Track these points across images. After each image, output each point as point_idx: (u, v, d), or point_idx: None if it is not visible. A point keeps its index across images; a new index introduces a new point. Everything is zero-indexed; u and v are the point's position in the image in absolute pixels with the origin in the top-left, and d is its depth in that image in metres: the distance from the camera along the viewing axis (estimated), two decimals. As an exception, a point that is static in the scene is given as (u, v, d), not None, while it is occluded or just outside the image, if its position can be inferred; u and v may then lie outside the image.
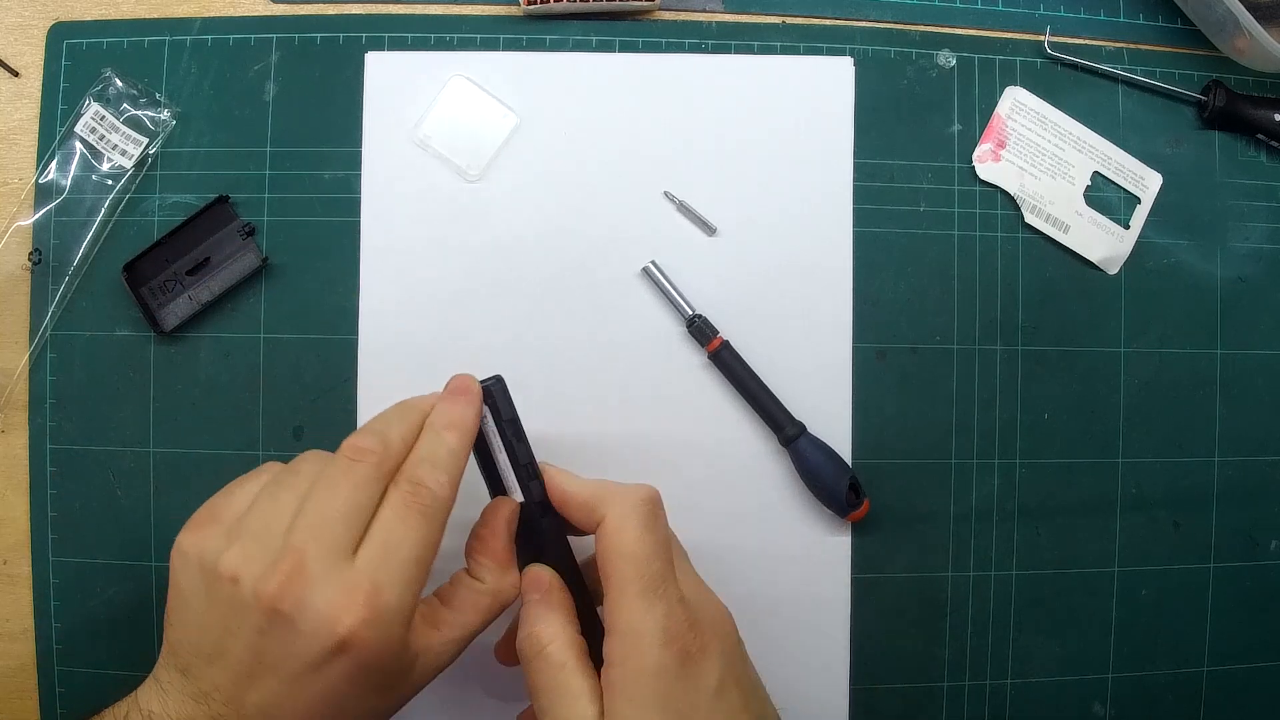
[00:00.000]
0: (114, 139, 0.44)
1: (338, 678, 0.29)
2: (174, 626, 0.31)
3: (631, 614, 0.31)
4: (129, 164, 0.44)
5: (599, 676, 0.32)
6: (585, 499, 0.34)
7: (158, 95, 0.44)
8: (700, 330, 0.44)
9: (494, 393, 0.35)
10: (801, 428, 0.44)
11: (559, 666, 0.32)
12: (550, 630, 0.32)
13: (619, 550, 0.32)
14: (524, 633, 0.33)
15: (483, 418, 0.35)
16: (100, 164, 0.44)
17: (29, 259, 0.44)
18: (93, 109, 0.44)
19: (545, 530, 0.35)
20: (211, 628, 0.30)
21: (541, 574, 0.34)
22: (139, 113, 0.44)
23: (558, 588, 0.34)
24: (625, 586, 0.32)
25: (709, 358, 0.44)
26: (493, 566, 0.34)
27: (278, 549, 0.30)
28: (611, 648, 0.31)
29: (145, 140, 0.44)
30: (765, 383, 0.44)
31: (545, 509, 0.35)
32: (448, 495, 0.32)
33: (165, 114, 0.44)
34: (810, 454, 0.43)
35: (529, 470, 0.35)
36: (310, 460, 0.33)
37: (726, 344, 0.44)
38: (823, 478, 0.43)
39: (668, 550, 0.33)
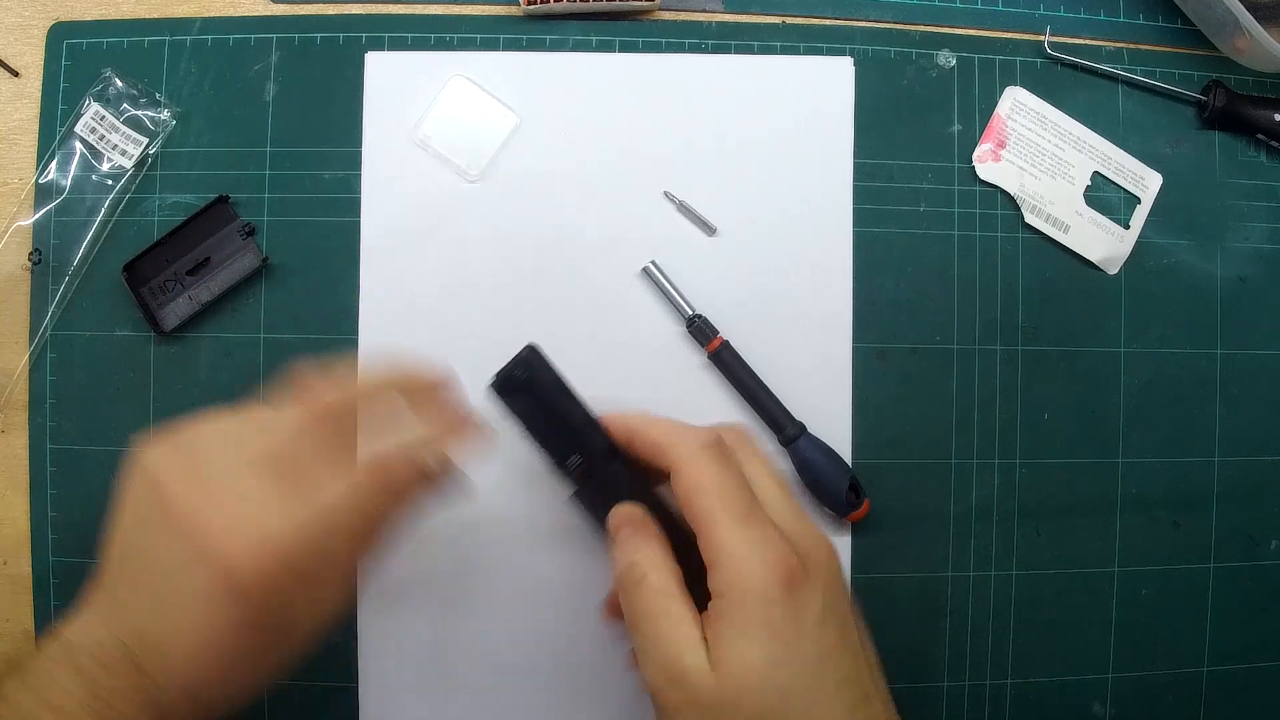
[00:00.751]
0: (114, 139, 0.44)
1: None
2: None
3: (728, 542, 0.31)
4: (129, 164, 0.44)
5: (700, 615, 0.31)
6: (655, 438, 0.34)
7: (158, 95, 0.44)
8: (700, 330, 0.44)
9: (534, 361, 0.36)
10: (801, 428, 0.44)
11: (661, 592, 0.32)
12: (650, 558, 0.32)
13: (697, 487, 0.32)
14: (623, 565, 0.33)
15: (531, 386, 0.36)
16: (100, 164, 0.44)
17: (29, 259, 0.44)
18: (93, 109, 0.44)
19: (617, 475, 0.35)
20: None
21: (631, 510, 0.34)
22: (139, 113, 0.44)
23: (648, 520, 0.34)
24: (714, 519, 0.32)
25: (709, 358, 0.44)
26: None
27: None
28: (716, 580, 0.31)
29: (145, 140, 0.44)
30: (765, 383, 0.44)
31: (612, 455, 0.35)
32: None
33: (165, 114, 0.44)
34: (810, 454, 0.43)
35: (586, 418, 0.36)
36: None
37: (726, 344, 0.44)
38: (823, 478, 0.43)
39: (746, 484, 0.33)
